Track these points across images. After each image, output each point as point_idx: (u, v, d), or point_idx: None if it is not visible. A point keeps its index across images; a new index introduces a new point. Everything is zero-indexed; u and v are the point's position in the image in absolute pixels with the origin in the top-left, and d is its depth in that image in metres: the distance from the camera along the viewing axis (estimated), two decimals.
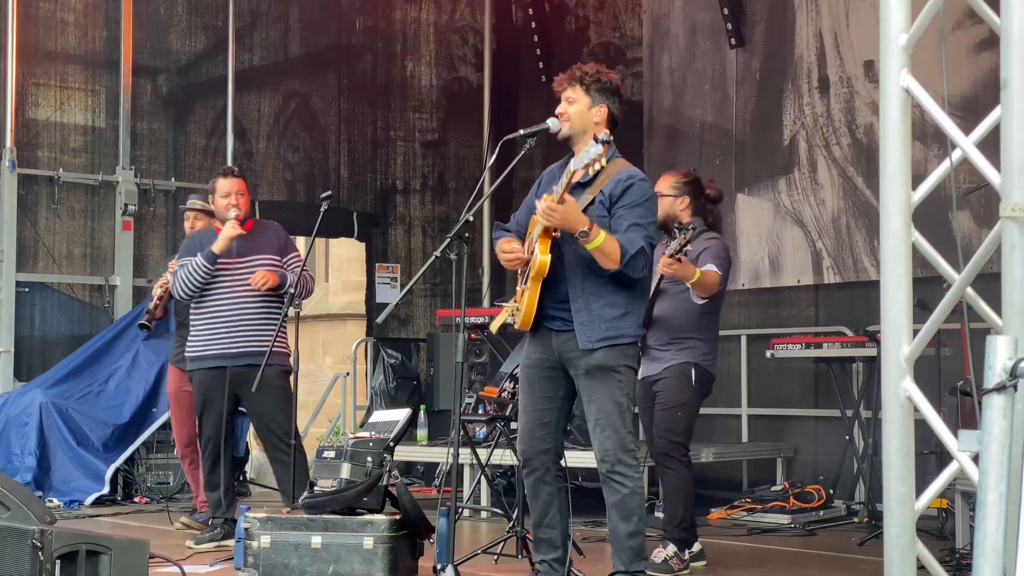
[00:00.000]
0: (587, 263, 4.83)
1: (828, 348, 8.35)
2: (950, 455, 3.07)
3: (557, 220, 4.71)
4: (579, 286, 4.87)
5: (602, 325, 4.84)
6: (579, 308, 4.86)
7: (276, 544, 5.43)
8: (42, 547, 4.31)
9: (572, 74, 5.05)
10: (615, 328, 4.86)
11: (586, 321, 4.84)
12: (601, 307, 4.85)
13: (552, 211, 4.69)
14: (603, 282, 4.85)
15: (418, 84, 11.61)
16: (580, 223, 4.68)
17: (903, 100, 3.08)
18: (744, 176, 9.85)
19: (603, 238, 4.71)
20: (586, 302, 4.86)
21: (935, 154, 8.27)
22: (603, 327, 4.84)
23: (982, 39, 8.13)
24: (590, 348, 4.83)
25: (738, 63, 9.98)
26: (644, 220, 4.87)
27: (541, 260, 4.82)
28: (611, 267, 4.76)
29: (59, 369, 9.35)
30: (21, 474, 8.50)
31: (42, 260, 9.69)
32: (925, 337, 3.11)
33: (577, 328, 4.85)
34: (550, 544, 4.98)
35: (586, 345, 4.83)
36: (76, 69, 9.97)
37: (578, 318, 4.85)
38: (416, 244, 11.53)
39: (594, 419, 4.87)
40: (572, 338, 4.87)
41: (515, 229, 5.16)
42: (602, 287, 4.86)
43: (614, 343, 4.85)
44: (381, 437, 5.68)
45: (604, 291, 4.86)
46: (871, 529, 7.35)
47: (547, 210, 4.70)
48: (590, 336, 4.83)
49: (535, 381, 5.01)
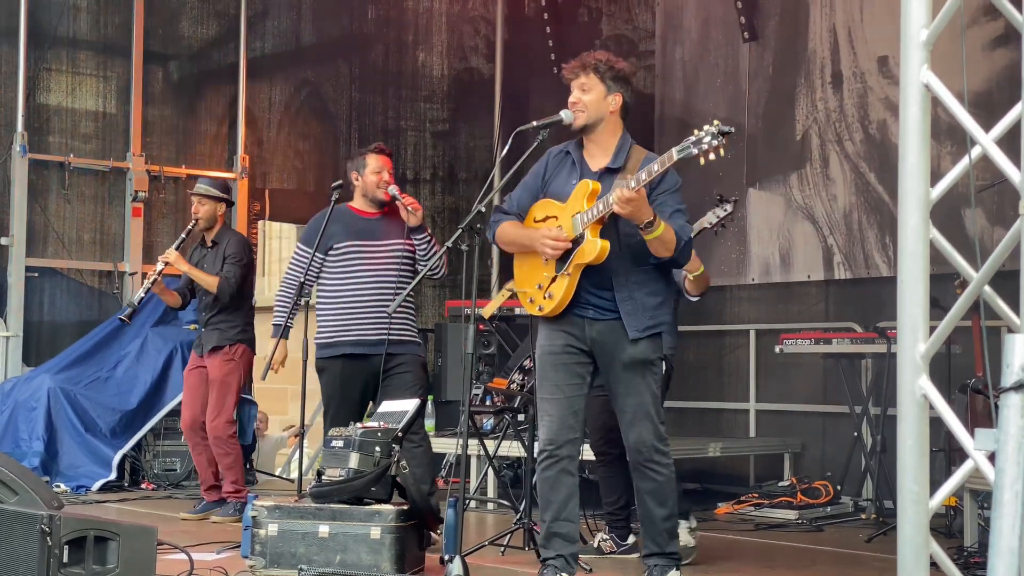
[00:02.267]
0: (630, 251, 4.83)
1: (838, 344, 8.33)
2: (958, 452, 3.06)
3: (632, 209, 4.64)
4: (623, 274, 4.87)
5: (646, 314, 4.87)
6: (624, 297, 4.86)
7: (283, 532, 5.42)
8: (51, 532, 4.30)
9: (585, 61, 5.00)
10: (655, 317, 4.91)
11: (631, 310, 4.85)
12: (644, 296, 4.88)
13: (630, 200, 4.62)
14: (646, 270, 4.89)
15: (429, 74, 11.58)
16: (650, 213, 4.68)
17: (923, 96, 3.06)
18: (756, 170, 9.82)
19: (664, 228, 4.70)
20: (630, 291, 4.86)
21: (948, 151, 8.24)
22: (647, 316, 4.87)
23: (997, 35, 8.09)
24: (637, 337, 4.84)
25: (751, 57, 9.95)
26: (682, 206, 4.93)
27: (602, 246, 4.77)
28: (666, 255, 4.79)
29: (67, 355, 9.35)
30: (28, 459, 8.51)
31: (52, 245, 9.69)
32: (942, 335, 3.09)
33: (624, 317, 4.84)
34: (566, 539, 4.93)
35: (635, 334, 4.84)
36: (88, 55, 9.96)
37: (624, 307, 4.85)
38: None
39: (632, 410, 4.88)
40: (611, 328, 4.86)
41: (515, 212, 5.12)
42: (645, 275, 4.89)
43: (655, 331, 4.91)
44: (389, 427, 5.66)
45: (647, 280, 4.90)
46: (878, 526, 7.34)
47: (625, 199, 4.62)
48: (637, 325, 4.85)
49: (561, 367, 4.95)
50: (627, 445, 4.96)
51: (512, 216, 5.10)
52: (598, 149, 5.00)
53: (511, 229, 5.06)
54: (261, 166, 10.68)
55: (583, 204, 4.83)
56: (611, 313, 4.86)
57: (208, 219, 7.73)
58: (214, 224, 7.75)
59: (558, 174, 5.05)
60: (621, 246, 4.84)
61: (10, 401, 8.94)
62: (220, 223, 7.79)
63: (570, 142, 5.11)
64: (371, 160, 6.56)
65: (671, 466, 4.95)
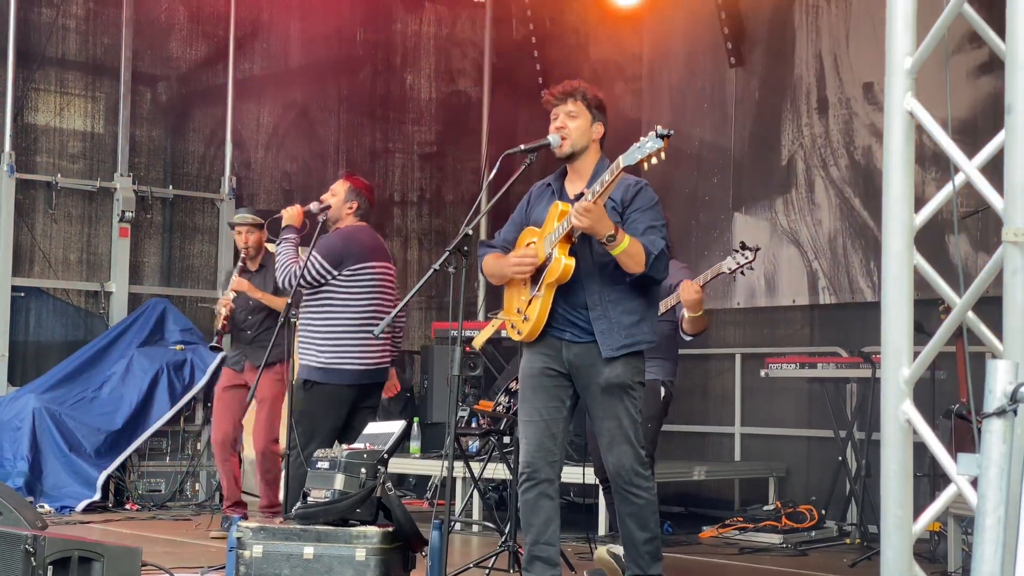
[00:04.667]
0: (604, 269, 4.83)
1: (823, 368, 8.36)
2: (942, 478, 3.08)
3: (590, 222, 4.65)
4: (597, 293, 4.86)
5: (621, 332, 4.84)
6: (598, 315, 4.84)
7: (268, 554, 5.41)
8: (35, 552, 4.31)
9: (570, 89, 5.03)
10: (632, 335, 4.86)
11: (606, 329, 4.83)
12: (619, 314, 4.85)
13: (588, 212, 4.63)
14: (621, 289, 4.86)
15: (417, 97, 11.63)
16: (610, 227, 4.68)
17: (907, 123, 3.09)
18: (741, 195, 9.86)
19: (628, 241, 4.70)
20: (604, 309, 4.85)
21: (933, 177, 8.29)
22: (622, 334, 4.84)
23: (981, 63, 8.16)
24: (612, 356, 4.81)
25: (737, 82, 10.01)
26: (658, 223, 4.90)
27: (566, 264, 4.78)
28: (637, 270, 4.76)
29: (53, 375, 9.33)
30: (13, 479, 8.48)
31: (38, 265, 9.68)
32: (925, 360, 3.12)
33: (598, 336, 4.82)
34: (547, 562, 4.91)
35: (608, 353, 4.81)
36: (76, 75, 9.97)
37: (597, 326, 4.83)
38: (412, 256, 11.53)
39: (610, 435, 4.87)
40: (587, 351, 4.85)
41: (501, 245, 5.15)
42: (620, 294, 4.87)
43: (632, 350, 4.86)
44: (375, 449, 5.66)
45: (622, 298, 4.87)
46: (863, 550, 7.35)
47: (583, 210, 4.64)
48: (611, 344, 4.82)
49: (540, 390, 4.95)
50: (607, 469, 4.95)
51: (496, 249, 5.14)
52: (578, 176, 5.03)
53: (491, 261, 5.11)
54: (249, 187, 10.69)
55: (554, 225, 4.87)
56: (588, 335, 4.86)
57: (257, 246, 7.95)
58: (261, 250, 7.96)
59: (539, 203, 5.10)
60: (594, 264, 4.85)
61: None
62: (263, 249, 8.00)
63: (552, 174, 5.15)
64: None
65: (652, 489, 4.93)
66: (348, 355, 6.57)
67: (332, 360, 6.54)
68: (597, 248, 4.82)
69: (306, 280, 6.51)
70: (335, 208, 6.73)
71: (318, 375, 6.53)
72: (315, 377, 6.54)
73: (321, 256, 6.54)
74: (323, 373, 6.54)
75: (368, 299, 6.62)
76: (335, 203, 6.73)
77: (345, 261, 6.56)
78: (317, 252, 6.55)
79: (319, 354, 6.55)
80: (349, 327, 6.57)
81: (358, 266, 6.59)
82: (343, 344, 6.55)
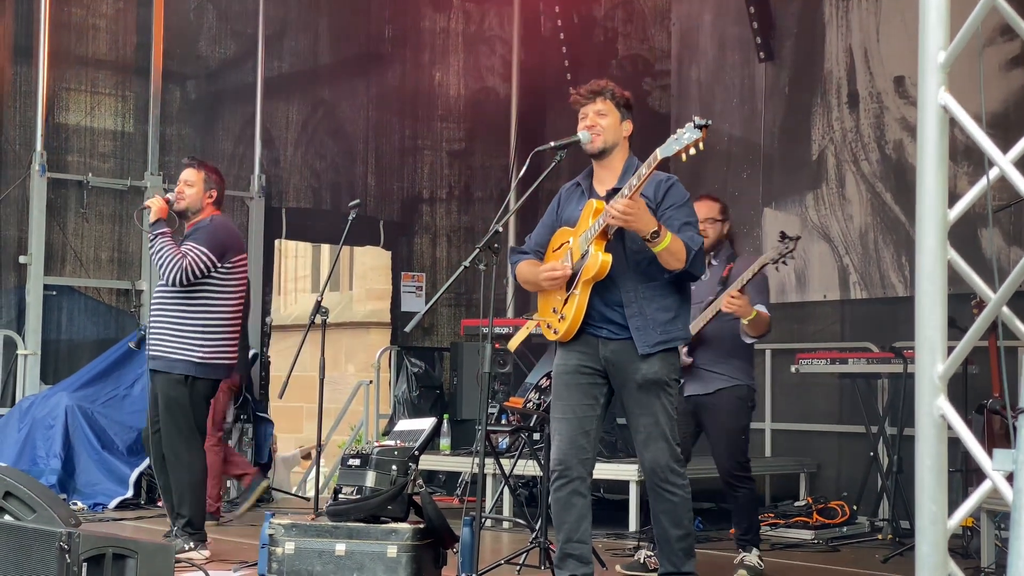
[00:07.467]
0: (639, 267, 4.84)
1: (854, 364, 8.32)
2: (974, 473, 3.06)
3: (632, 220, 4.66)
4: (632, 290, 4.86)
5: (656, 329, 4.85)
6: (633, 312, 4.85)
7: (300, 551, 5.44)
8: (69, 550, 4.32)
9: (598, 88, 5.04)
10: (667, 332, 4.87)
11: (641, 326, 4.84)
12: (654, 311, 4.86)
13: (630, 211, 4.64)
14: (656, 285, 4.87)
15: (446, 94, 11.64)
16: (653, 223, 4.68)
17: (941, 118, 3.06)
18: (771, 190, 9.83)
19: (671, 238, 4.71)
20: (640, 307, 4.85)
21: (964, 171, 8.24)
22: (657, 331, 4.85)
23: (1013, 56, 8.11)
24: (648, 352, 4.82)
25: (767, 77, 9.97)
26: (692, 219, 4.94)
27: (603, 260, 4.78)
28: (677, 267, 4.76)
29: (85, 372, 9.38)
30: (46, 476, 8.53)
31: (70, 264, 9.74)
32: (960, 355, 3.09)
33: (634, 333, 4.83)
34: (579, 560, 4.90)
35: (644, 350, 4.81)
36: (106, 74, 10.01)
37: (633, 323, 4.84)
38: (441, 253, 11.54)
39: (646, 432, 4.87)
40: (624, 348, 4.85)
41: (533, 249, 5.16)
42: (655, 291, 4.87)
43: (667, 346, 4.87)
44: (406, 446, 5.68)
45: (656, 295, 4.87)
46: (895, 546, 7.32)
47: (625, 209, 4.64)
48: (647, 341, 4.82)
49: (575, 387, 4.94)
50: (642, 466, 4.96)
51: (528, 254, 5.14)
52: (608, 174, 5.03)
53: (525, 269, 5.12)
54: (278, 185, 10.73)
55: (589, 222, 4.86)
56: (625, 332, 4.86)
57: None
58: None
59: (569, 203, 5.11)
60: (629, 262, 4.85)
61: (28, 419, 8.97)
62: None
63: (580, 175, 5.14)
64: None
65: (687, 487, 4.93)
66: (225, 350, 6.55)
67: (211, 355, 6.49)
68: (631, 245, 4.82)
69: (196, 274, 6.43)
70: (194, 198, 6.64)
71: (199, 370, 6.47)
72: (196, 372, 6.47)
73: (208, 248, 6.45)
74: (204, 368, 6.49)
75: (240, 292, 6.62)
76: (193, 193, 6.64)
77: (227, 253, 6.53)
78: (201, 244, 6.45)
79: (199, 348, 6.46)
80: (225, 320, 6.54)
81: (237, 258, 6.59)
82: (220, 338, 6.52)
